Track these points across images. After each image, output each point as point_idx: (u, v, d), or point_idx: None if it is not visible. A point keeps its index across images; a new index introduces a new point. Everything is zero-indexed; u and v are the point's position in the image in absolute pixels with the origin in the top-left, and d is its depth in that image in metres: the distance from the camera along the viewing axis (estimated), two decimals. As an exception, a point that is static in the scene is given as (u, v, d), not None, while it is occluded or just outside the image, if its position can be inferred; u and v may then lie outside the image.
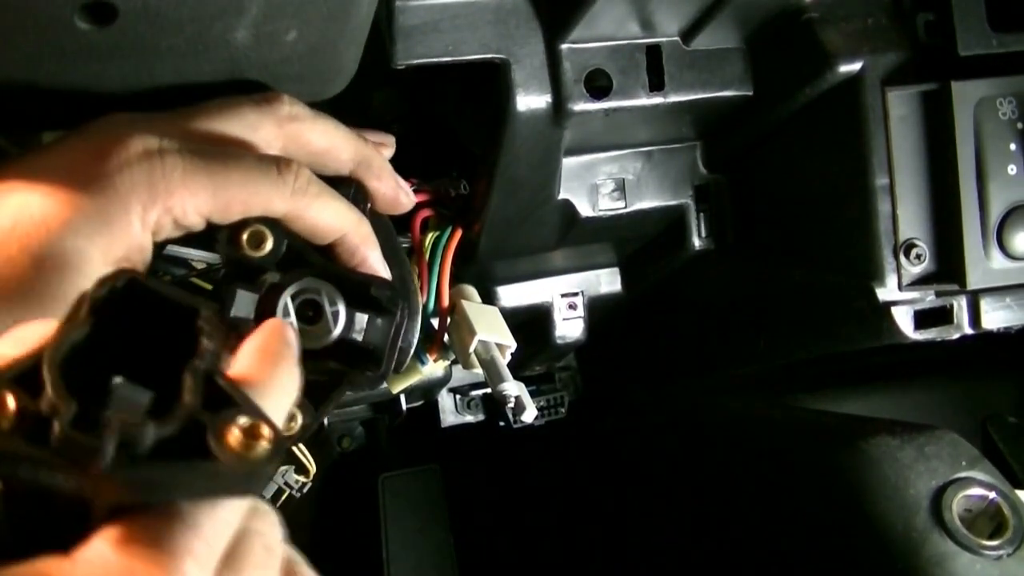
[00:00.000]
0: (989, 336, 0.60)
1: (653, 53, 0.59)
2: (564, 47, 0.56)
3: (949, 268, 0.58)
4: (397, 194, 0.50)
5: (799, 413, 0.80)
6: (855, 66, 0.58)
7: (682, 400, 0.89)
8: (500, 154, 0.59)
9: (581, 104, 0.57)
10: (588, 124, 0.59)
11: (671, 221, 0.71)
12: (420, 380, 0.67)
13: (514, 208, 0.64)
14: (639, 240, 0.75)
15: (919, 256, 0.57)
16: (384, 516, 1.09)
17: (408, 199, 0.51)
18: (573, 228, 0.68)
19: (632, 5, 0.55)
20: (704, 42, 0.60)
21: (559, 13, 0.55)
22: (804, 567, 0.65)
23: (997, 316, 0.59)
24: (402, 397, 0.83)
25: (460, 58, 0.55)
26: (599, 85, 0.57)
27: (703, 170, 0.69)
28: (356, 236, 0.43)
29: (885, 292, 0.58)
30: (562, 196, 0.66)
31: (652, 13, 0.56)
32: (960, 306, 0.59)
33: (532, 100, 0.57)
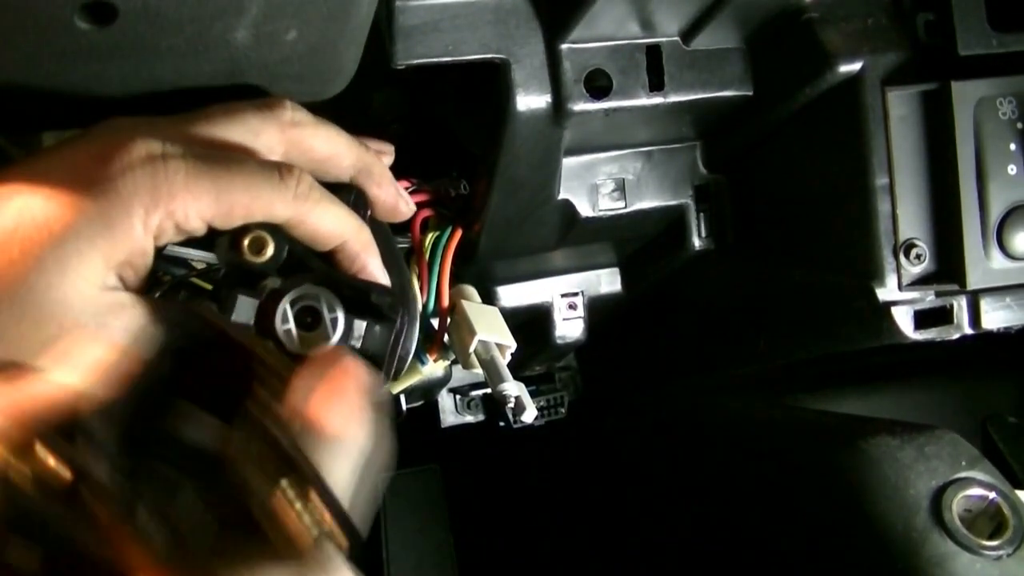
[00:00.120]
0: (989, 336, 0.60)
1: (653, 53, 0.59)
2: (564, 47, 0.56)
3: (949, 268, 0.58)
4: (397, 202, 0.50)
5: (799, 413, 0.80)
6: (855, 66, 0.58)
7: (682, 400, 0.89)
8: (500, 154, 0.59)
9: (581, 104, 0.57)
10: (588, 124, 0.59)
11: (671, 221, 0.71)
12: (420, 380, 0.67)
13: (514, 208, 0.64)
14: (639, 240, 0.75)
15: (919, 256, 0.57)
16: (384, 516, 1.09)
17: (408, 207, 0.51)
18: (573, 228, 0.68)
19: (632, 5, 0.55)
20: (704, 42, 0.60)
21: (559, 13, 0.55)
22: (804, 567, 0.65)
23: (997, 316, 0.59)
24: (402, 397, 0.83)
25: (460, 58, 0.55)
26: (599, 85, 0.58)
27: (703, 170, 0.69)
28: (357, 243, 0.43)
29: (885, 292, 0.58)
30: (562, 196, 0.66)
31: (652, 13, 0.56)
32: (960, 306, 0.59)
33: (532, 100, 0.57)
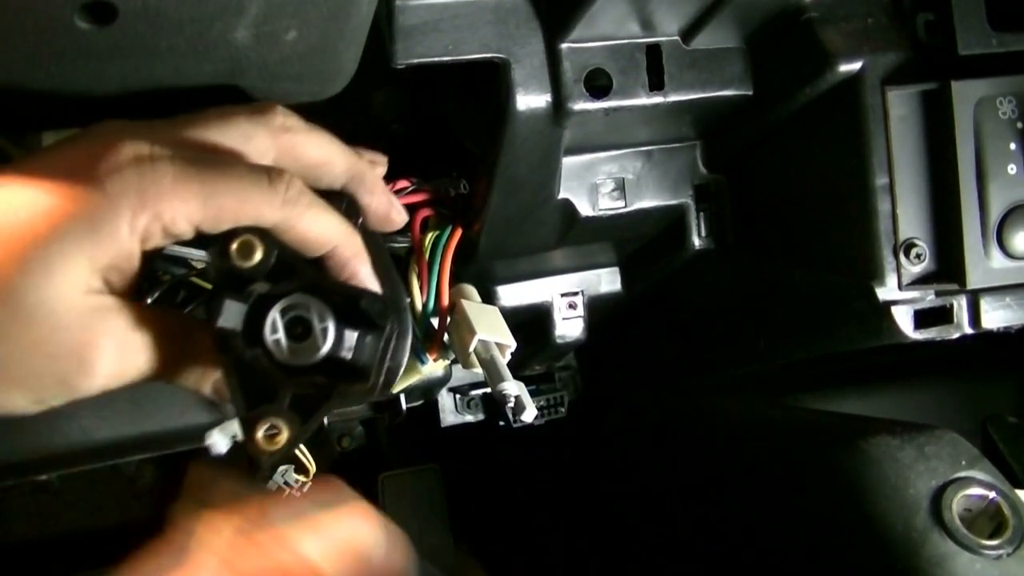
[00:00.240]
0: (989, 336, 0.60)
1: (653, 53, 0.59)
2: (564, 47, 0.56)
3: (949, 268, 0.58)
4: (389, 210, 0.49)
5: (799, 413, 0.80)
6: (855, 66, 0.58)
7: (682, 400, 0.89)
8: (500, 154, 0.59)
9: (581, 104, 0.57)
10: (588, 124, 0.59)
11: (671, 221, 0.71)
12: (420, 380, 0.67)
13: (514, 208, 0.64)
14: (639, 240, 0.75)
15: (919, 256, 0.57)
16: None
17: (400, 217, 0.51)
18: (573, 228, 0.68)
19: (632, 5, 0.55)
20: (704, 42, 0.60)
21: (559, 13, 0.55)
22: (804, 567, 0.65)
23: (997, 316, 0.59)
24: (402, 397, 0.83)
25: (460, 58, 0.55)
26: (599, 85, 0.57)
27: (703, 170, 0.69)
28: (347, 249, 0.43)
29: (885, 292, 0.58)
30: (562, 196, 0.66)
31: (652, 13, 0.56)
32: (960, 306, 0.59)
33: (532, 100, 0.57)
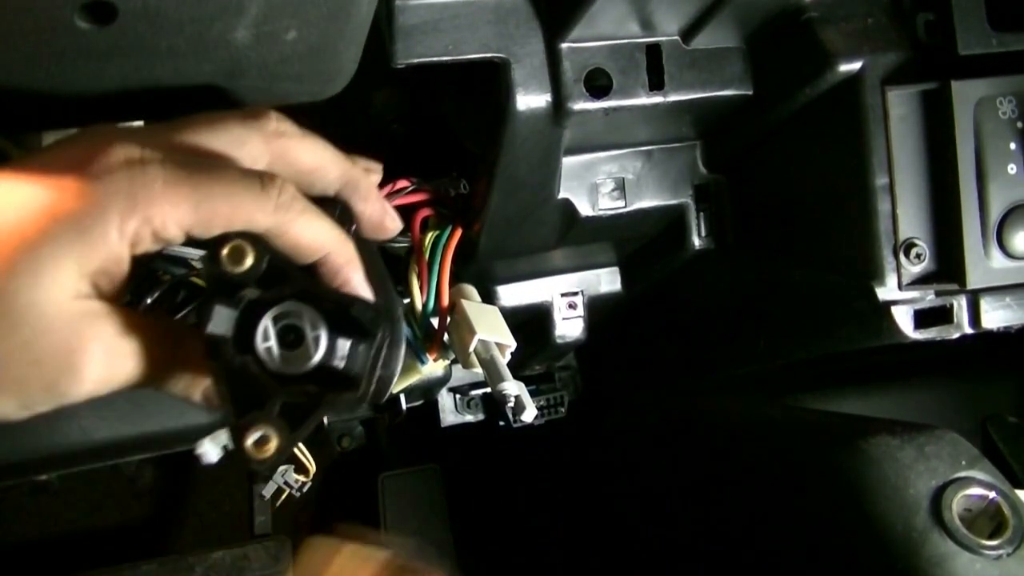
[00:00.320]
0: (989, 336, 0.60)
1: (653, 52, 0.59)
2: (564, 46, 0.56)
3: (949, 267, 0.58)
4: (383, 218, 0.49)
5: (799, 413, 0.80)
6: (855, 66, 0.58)
7: (682, 400, 0.89)
8: (500, 154, 0.59)
9: (581, 103, 0.57)
10: (588, 123, 0.59)
11: (671, 221, 0.71)
12: (420, 380, 0.67)
13: (514, 208, 0.64)
14: (639, 240, 0.75)
15: (919, 256, 0.57)
16: (384, 516, 1.09)
17: (394, 224, 0.50)
18: (573, 228, 0.68)
19: (632, 4, 0.55)
20: (704, 41, 0.60)
21: (559, 12, 0.55)
22: (804, 567, 0.65)
23: (997, 316, 0.59)
24: (402, 396, 0.83)
25: (460, 58, 0.55)
26: (599, 84, 0.57)
27: (703, 170, 0.69)
28: (340, 256, 0.42)
29: (885, 292, 0.58)
30: (562, 195, 0.66)
31: (652, 12, 0.56)
32: (960, 306, 0.59)
33: (532, 99, 0.57)
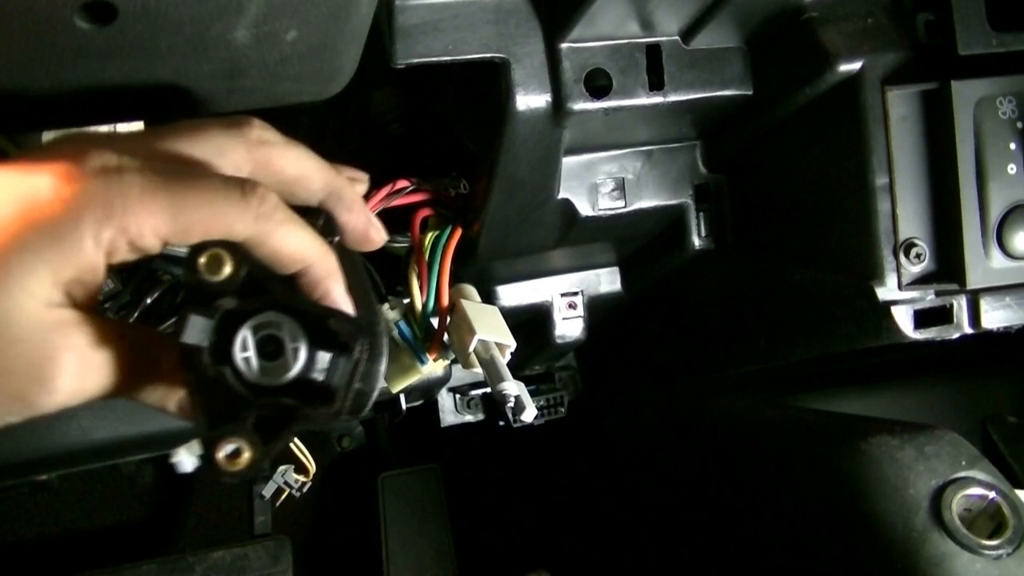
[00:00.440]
0: (989, 336, 0.60)
1: (653, 52, 0.59)
2: (564, 46, 0.56)
3: (949, 267, 0.58)
4: (368, 229, 0.47)
5: (799, 413, 0.80)
6: (855, 66, 0.58)
7: (682, 400, 0.89)
8: (500, 153, 0.59)
9: (581, 103, 0.57)
10: (588, 123, 0.59)
11: (671, 221, 0.71)
12: (420, 380, 0.67)
13: (514, 208, 0.64)
14: (639, 240, 0.75)
15: (919, 255, 0.57)
16: (384, 516, 1.09)
17: (379, 236, 0.48)
18: (573, 228, 0.68)
19: (632, 5, 0.55)
20: (704, 41, 0.60)
21: (559, 13, 0.55)
22: (804, 567, 0.65)
23: (997, 316, 0.59)
24: (402, 397, 0.83)
25: (460, 57, 0.55)
26: (599, 84, 0.57)
27: (703, 170, 0.69)
28: (320, 268, 0.42)
29: (885, 292, 0.58)
30: (562, 195, 0.66)
31: (652, 13, 0.56)
32: (960, 306, 0.59)
33: (532, 99, 0.57)
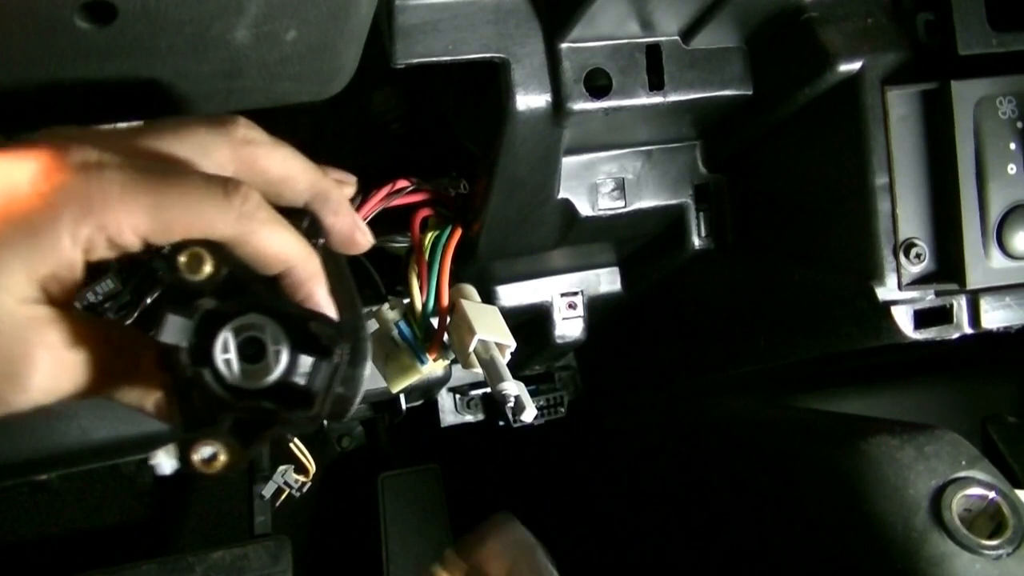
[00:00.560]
0: (989, 336, 0.60)
1: (653, 52, 0.59)
2: (564, 46, 0.56)
3: (949, 267, 0.58)
4: (353, 232, 0.47)
5: (799, 413, 0.80)
6: (855, 66, 0.58)
7: (682, 400, 0.89)
8: (500, 153, 0.59)
9: (581, 103, 0.57)
10: (588, 123, 0.59)
11: (671, 221, 0.71)
12: (420, 380, 0.66)
13: (514, 208, 0.64)
14: (639, 240, 0.75)
15: (919, 255, 0.57)
16: (384, 516, 1.09)
17: (365, 239, 0.48)
18: (573, 228, 0.68)
19: (632, 4, 0.55)
20: (704, 41, 0.60)
21: (559, 13, 0.55)
22: (804, 567, 0.65)
23: (997, 316, 0.59)
24: (402, 397, 0.83)
25: (460, 57, 0.55)
26: (599, 84, 0.57)
27: (703, 170, 0.69)
28: (303, 270, 0.41)
29: (885, 292, 0.58)
30: (562, 195, 0.66)
31: (652, 12, 0.56)
32: (960, 306, 0.59)
33: (532, 99, 0.57)
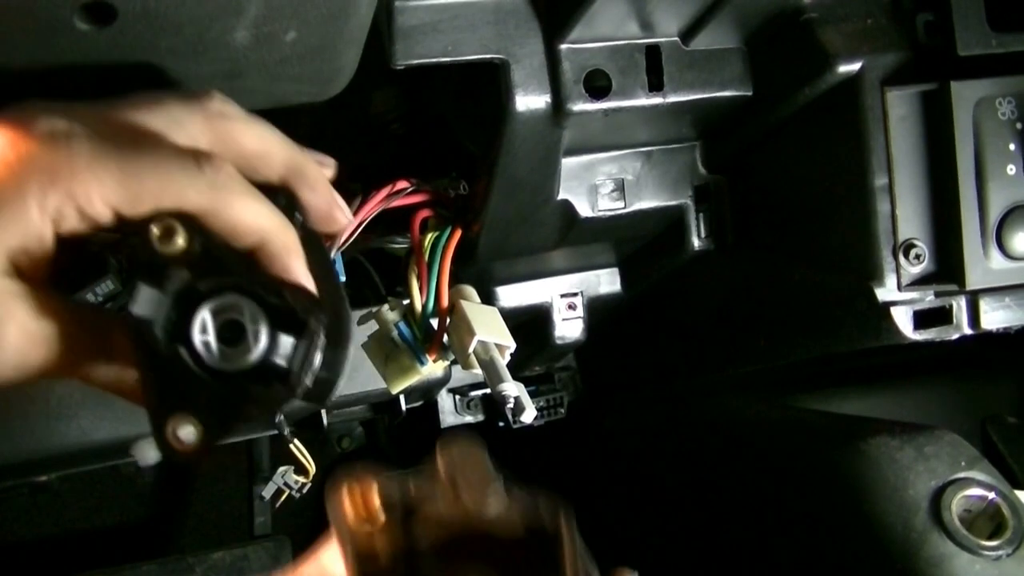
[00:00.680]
0: (989, 336, 0.60)
1: (652, 53, 0.59)
2: (563, 47, 0.56)
3: (948, 268, 0.58)
4: (331, 209, 0.46)
5: (799, 413, 0.80)
6: (855, 66, 0.58)
7: (682, 400, 0.89)
8: (500, 154, 0.59)
9: (580, 104, 0.57)
10: (587, 124, 0.59)
11: (670, 221, 0.71)
12: (419, 381, 0.66)
13: (514, 208, 0.64)
14: (639, 240, 0.75)
15: (918, 256, 0.57)
16: (384, 516, 1.09)
17: (344, 217, 0.47)
18: (573, 228, 0.68)
19: (631, 5, 0.55)
20: (703, 42, 0.60)
21: (558, 13, 0.55)
22: (804, 567, 0.65)
23: (996, 316, 0.59)
24: (401, 398, 0.83)
25: (459, 58, 0.55)
26: (598, 85, 0.57)
27: (703, 170, 0.69)
28: (279, 242, 0.40)
29: (885, 292, 0.58)
30: (561, 196, 0.66)
31: (651, 13, 0.56)
32: (959, 306, 0.59)
33: (531, 100, 0.57)
